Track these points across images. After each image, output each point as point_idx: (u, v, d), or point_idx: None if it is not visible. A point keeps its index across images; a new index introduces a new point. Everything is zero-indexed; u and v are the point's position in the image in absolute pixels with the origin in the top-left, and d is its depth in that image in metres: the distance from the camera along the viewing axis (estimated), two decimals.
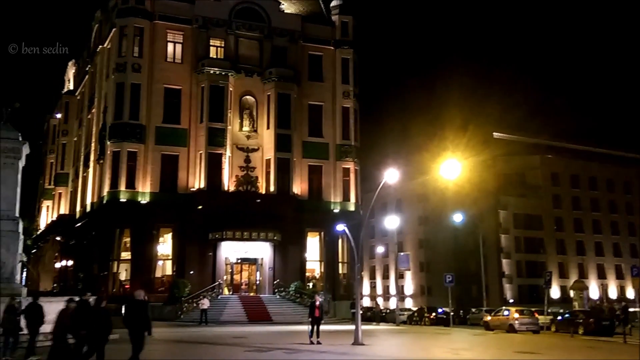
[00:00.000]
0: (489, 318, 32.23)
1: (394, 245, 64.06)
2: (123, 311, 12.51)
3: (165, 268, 37.96)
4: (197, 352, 16.95)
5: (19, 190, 21.88)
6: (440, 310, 41.33)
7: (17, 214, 21.61)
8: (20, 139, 22.16)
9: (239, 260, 39.14)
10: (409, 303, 67.15)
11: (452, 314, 36.42)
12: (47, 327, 13.96)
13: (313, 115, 42.59)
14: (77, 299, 12.76)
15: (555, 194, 67.53)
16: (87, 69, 49.26)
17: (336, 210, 41.12)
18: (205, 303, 31.88)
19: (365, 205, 43.26)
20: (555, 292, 59.58)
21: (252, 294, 38.05)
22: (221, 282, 36.98)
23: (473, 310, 41.67)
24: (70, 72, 58.40)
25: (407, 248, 68.04)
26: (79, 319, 11.69)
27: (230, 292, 37.86)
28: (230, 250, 38.13)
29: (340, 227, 30.35)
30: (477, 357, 17.48)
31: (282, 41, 41.97)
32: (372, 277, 78.50)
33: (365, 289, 75.39)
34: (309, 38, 43.14)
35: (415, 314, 43.06)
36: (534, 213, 64.90)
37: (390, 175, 20.42)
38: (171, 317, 32.49)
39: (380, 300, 73.45)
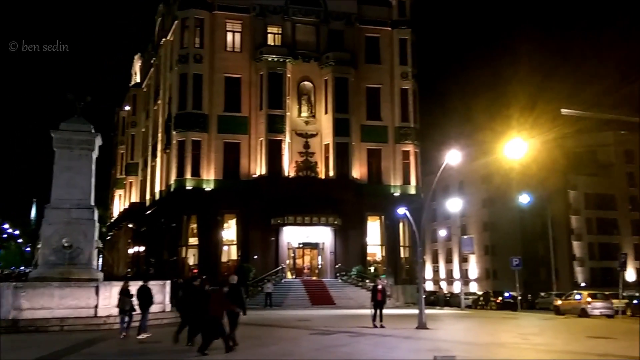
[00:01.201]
0: (559, 302, 31.24)
1: (457, 229, 62.98)
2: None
3: (230, 253, 39.09)
4: (264, 333, 17.42)
5: (93, 180, 23.13)
6: (507, 294, 40.30)
7: (92, 203, 22.87)
8: (93, 131, 23.38)
9: (301, 245, 39.73)
10: (473, 287, 65.87)
11: (519, 298, 35.46)
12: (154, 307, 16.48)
13: (371, 98, 42.26)
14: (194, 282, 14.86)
15: (629, 172, 63.83)
16: (152, 61, 51.05)
17: (396, 194, 40.79)
18: (269, 287, 32.64)
19: (426, 188, 42.56)
20: (630, 275, 56.58)
21: (314, 278, 38.57)
22: (284, 266, 37.68)
23: (542, 294, 40.39)
24: (137, 65, 60.77)
25: (470, 231, 66.58)
26: (187, 298, 13.59)
27: (293, 276, 38.56)
28: (292, 235, 38.75)
29: (401, 210, 30.17)
30: (547, 342, 16.95)
31: (339, 24, 41.77)
32: (435, 261, 77.51)
33: (428, 273, 74.61)
34: (365, 20, 42.67)
35: (481, 298, 42.25)
36: (607, 192, 61.67)
37: (452, 157, 19.99)
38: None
39: (443, 284, 72.48)
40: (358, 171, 40.63)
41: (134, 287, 16.60)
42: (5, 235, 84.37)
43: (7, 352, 13.69)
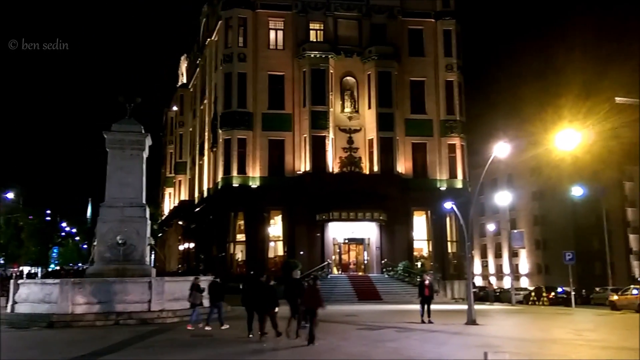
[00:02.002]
0: (615, 297, 30.07)
1: (506, 223, 61.44)
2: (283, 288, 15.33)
3: (277, 249, 39.55)
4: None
5: (144, 179, 23.89)
6: (560, 289, 39.10)
7: (144, 201, 23.63)
8: (143, 131, 24.12)
9: (346, 240, 39.76)
10: (524, 282, 64.25)
11: (573, 293, 34.32)
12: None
13: (415, 91, 41.78)
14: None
15: None
16: (197, 62, 52.12)
17: (443, 188, 40.22)
18: (317, 283, 32.75)
19: (473, 182, 41.81)
20: None
21: (360, 274, 38.55)
22: (330, 261, 37.81)
23: (597, 289, 39.00)
24: (183, 66, 62.22)
25: (520, 225, 64.91)
26: (250, 293, 15.00)
27: (339, 272, 38.65)
28: (337, 231, 38.83)
29: (448, 205, 29.73)
30: (602, 338, 16.36)
31: (381, 18, 41.45)
32: (484, 255, 75.98)
33: (477, 268, 73.22)
34: (408, 12, 42.15)
35: (533, 294, 41.10)
36: None
37: (500, 149, 19.52)
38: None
39: (493, 280, 70.97)
40: (403, 166, 40.27)
41: (203, 282, 18.01)
42: (63, 234, 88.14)
43: (75, 345, 14.36)
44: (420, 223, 40.93)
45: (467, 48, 45.00)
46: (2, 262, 69.64)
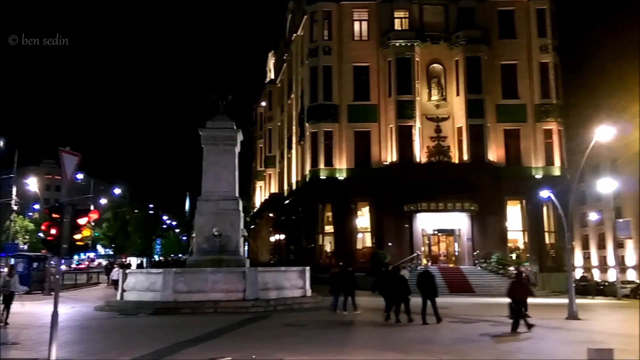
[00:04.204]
0: None
1: (610, 212, 57.13)
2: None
3: (365, 240, 39.64)
4: (401, 319, 17.46)
5: (237, 173, 24.90)
6: None
7: (237, 195, 24.63)
8: (235, 127, 25.12)
9: (436, 232, 39.02)
10: (631, 275, 59.63)
11: None
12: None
13: (506, 75, 39.98)
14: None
15: None
16: (284, 58, 53.25)
17: (538, 176, 38.28)
18: (405, 274, 32.48)
19: (573, 169, 39.32)
20: None
21: (451, 265, 37.71)
22: (419, 253, 37.32)
23: None
24: (271, 62, 63.83)
25: (626, 214, 60.13)
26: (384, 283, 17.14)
27: (429, 263, 38.01)
28: (426, 222, 38.22)
29: (545, 193, 28.25)
30: None
31: (469, 2, 40.09)
32: (585, 247, 71.40)
33: (578, 259, 69.02)
34: None
35: None
36: None
37: (602, 133, 18.27)
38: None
39: (595, 272, 66.57)
40: (495, 153, 38.78)
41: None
42: (165, 226, 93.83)
43: (179, 330, 15.33)
44: (514, 213, 39.25)
45: (563, 26, 42.21)
46: (111, 253, 75.59)
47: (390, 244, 37.22)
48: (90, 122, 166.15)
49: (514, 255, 37.67)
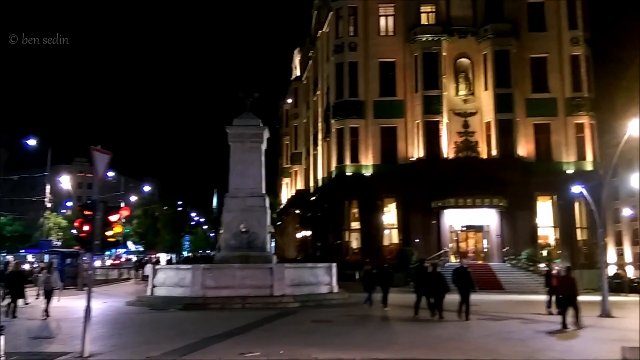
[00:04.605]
0: None
1: None
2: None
3: (391, 236, 39.44)
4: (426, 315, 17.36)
5: (263, 170, 25.06)
6: None
7: (263, 191, 24.79)
8: (261, 125, 25.26)
9: (464, 228, 38.58)
10: None
11: None
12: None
13: (536, 69, 39.19)
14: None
15: None
16: (310, 54, 53.25)
17: (570, 171, 37.48)
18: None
19: (605, 163, 38.33)
20: None
21: (480, 262, 37.21)
22: (447, 249, 36.96)
23: None
24: (296, 59, 63.91)
25: None
26: (421, 280, 17.43)
27: (457, 260, 37.57)
28: (454, 218, 37.81)
29: (577, 189, 27.64)
30: None
31: None
32: (619, 243, 69.57)
33: (611, 256, 67.35)
34: None
35: None
36: None
37: (636, 126, 17.76)
38: (401, 284, 33.69)
39: (629, 269, 64.88)
40: (524, 148, 38.11)
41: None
42: (193, 223, 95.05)
43: (208, 325, 15.52)
44: (544, 209, 38.53)
45: (594, 17, 41.08)
46: (141, 249, 76.97)
47: (417, 240, 36.96)
48: (120, 121, 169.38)
49: (544, 252, 36.96)
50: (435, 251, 36.02)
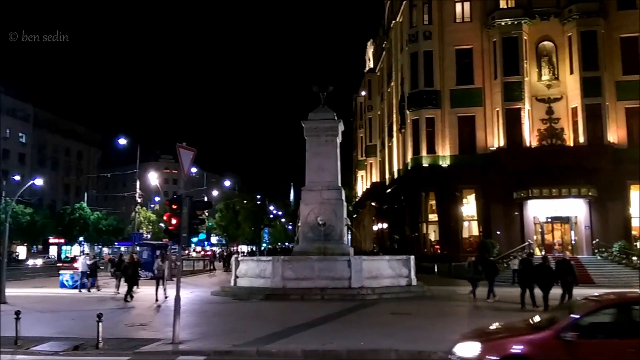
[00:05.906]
0: None
1: None
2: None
3: (471, 228, 38.43)
4: (512, 312, 16.82)
5: (339, 163, 25.26)
6: None
7: (339, 184, 25.00)
8: (336, 118, 25.45)
9: (549, 219, 36.84)
10: None
11: None
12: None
13: (627, 49, 36.52)
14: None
15: None
16: (383, 45, 52.79)
17: None
18: (515, 263, 31.13)
19: None
20: None
21: (567, 255, 35.42)
22: (531, 242, 35.49)
23: None
24: (370, 51, 63.61)
25: None
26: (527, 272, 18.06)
27: (542, 253, 36.00)
28: (538, 209, 36.22)
29: None
30: None
31: None
32: None
33: None
34: None
35: None
36: None
37: None
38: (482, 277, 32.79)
39: None
40: (615, 134, 35.77)
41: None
42: (272, 216, 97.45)
43: (290, 315, 15.96)
44: (639, 198, 36.00)
45: None
46: (224, 241, 79.92)
47: (498, 232, 35.78)
48: (201, 119, 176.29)
49: (639, 244, 34.60)
50: (518, 243, 34.72)
